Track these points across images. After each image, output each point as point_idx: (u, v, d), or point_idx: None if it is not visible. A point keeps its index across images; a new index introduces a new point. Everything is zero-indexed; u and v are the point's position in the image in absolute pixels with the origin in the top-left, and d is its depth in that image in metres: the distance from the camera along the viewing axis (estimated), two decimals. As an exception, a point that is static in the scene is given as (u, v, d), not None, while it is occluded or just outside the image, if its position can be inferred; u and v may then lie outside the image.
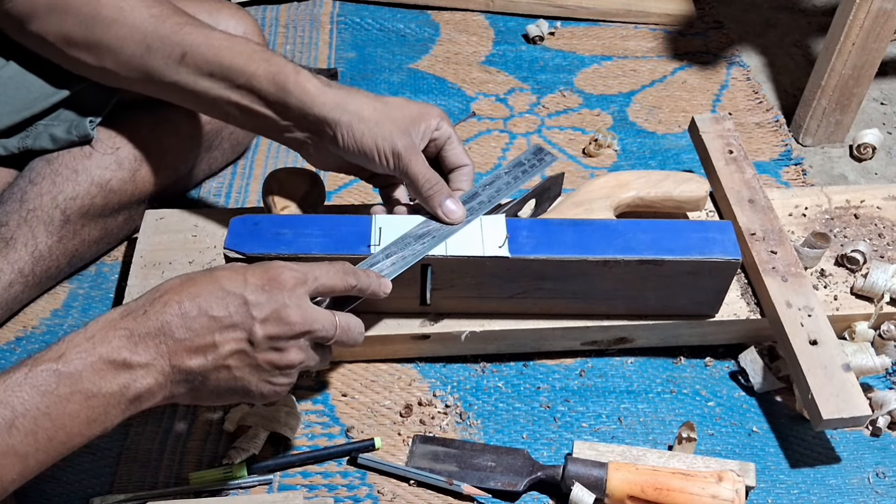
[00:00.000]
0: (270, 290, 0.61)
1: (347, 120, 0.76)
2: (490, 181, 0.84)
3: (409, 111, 0.78)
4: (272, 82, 0.76)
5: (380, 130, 0.76)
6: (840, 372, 0.80)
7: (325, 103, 0.76)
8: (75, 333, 0.58)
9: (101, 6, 0.79)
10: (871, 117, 1.29)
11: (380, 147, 0.76)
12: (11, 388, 0.54)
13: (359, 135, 0.76)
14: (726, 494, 0.74)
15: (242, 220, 0.80)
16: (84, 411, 0.56)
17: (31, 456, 0.55)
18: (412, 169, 0.77)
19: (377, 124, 0.76)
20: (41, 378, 0.55)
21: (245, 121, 0.81)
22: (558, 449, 0.83)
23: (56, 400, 0.55)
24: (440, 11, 1.41)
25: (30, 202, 0.88)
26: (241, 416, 0.82)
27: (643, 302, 0.85)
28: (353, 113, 0.76)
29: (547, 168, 0.87)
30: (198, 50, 0.77)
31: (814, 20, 1.46)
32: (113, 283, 0.97)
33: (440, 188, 0.79)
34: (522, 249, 0.80)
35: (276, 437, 0.82)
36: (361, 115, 0.76)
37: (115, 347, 0.57)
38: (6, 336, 0.91)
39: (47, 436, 0.55)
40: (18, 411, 0.54)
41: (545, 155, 0.88)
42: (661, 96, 1.28)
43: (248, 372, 0.62)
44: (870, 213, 1.00)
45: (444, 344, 0.87)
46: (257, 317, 0.61)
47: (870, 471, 0.82)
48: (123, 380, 0.58)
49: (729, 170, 0.99)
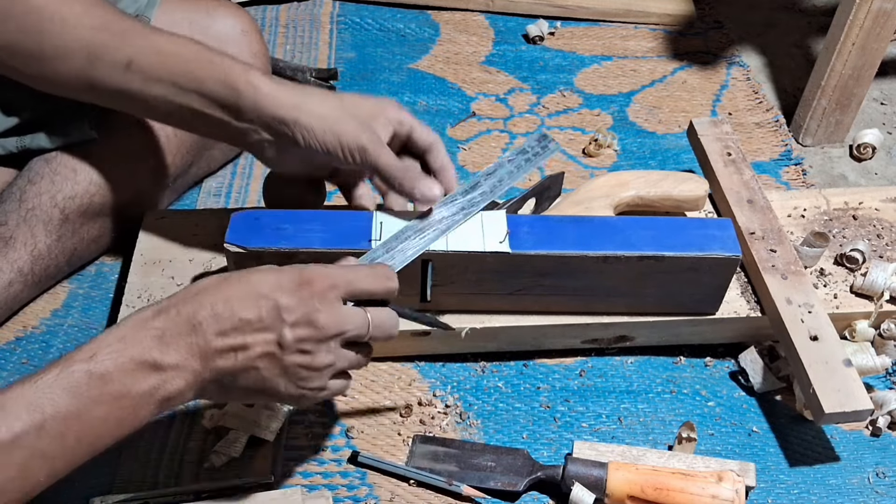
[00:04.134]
0: (301, 294, 0.61)
1: (306, 119, 0.74)
2: (492, 170, 0.84)
3: (367, 107, 0.77)
4: (222, 84, 0.74)
5: (341, 127, 0.74)
6: (841, 367, 0.80)
7: (280, 103, 0.74)
8: (107, 333, 0.58)
9: (43, 17, 0.76)
10: (871, 117, 1.29)
11: (344, 143, 0.75)
12: (42, 389, 0.54)
13: (320, 133, 0.74)
14: (726, 494, 0.74)
15: (243, 216, 0.80)
16: (114, 412, 0.56)
17: (60, 458, 0.55)
18: (381, 161, 0.76)
19: (337, 121, 0.74)
20: (72, 379, 0.55)
21: (200, 126, 0.79)
22: (558, 449, 0.83)
23: (86, 402, 0.55)
24: (440, 11, 1.41)
25: (29, 201, 0.88)
26: (220, 416, 0.82)
27: (643, 299, 0.85)
28: (310, 111, 0.74)
29: (551, 155, 0.86)
30: (144, 56, 0.75)
31: (814, 20, 1.46)
32: (113, 283, 0.97)
33: (412, 173, 0.77)
34: (523, 245, 0.80)
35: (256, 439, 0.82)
36: (320, 114, 0.74)
37: (146, 348, 0.57)
38: (6, 336, 0.91)
39: (76, 437, 0.55)
40: (48, 413, 0.54)
41: (549, 142, 0.86)
42: (661, 96, 1.28)
43: (277, 374, 0.62)
44: (868, 215, 1.00)
45: (445, 341, 0.87)
46: (287, 320, 0.60)
47: (870, 471, 0.82)
48: (154, 381, 0.57)
49: (728, 171, 0.99)
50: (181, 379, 0.58)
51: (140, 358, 0.57)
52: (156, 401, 0.58)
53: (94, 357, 0.56)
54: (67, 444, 0.55)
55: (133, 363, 0.56)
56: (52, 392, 0.54)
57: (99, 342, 0.57)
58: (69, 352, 0.57)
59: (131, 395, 0.56)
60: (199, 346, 0.59)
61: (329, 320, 0.62)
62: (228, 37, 1.01)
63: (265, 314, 0.60)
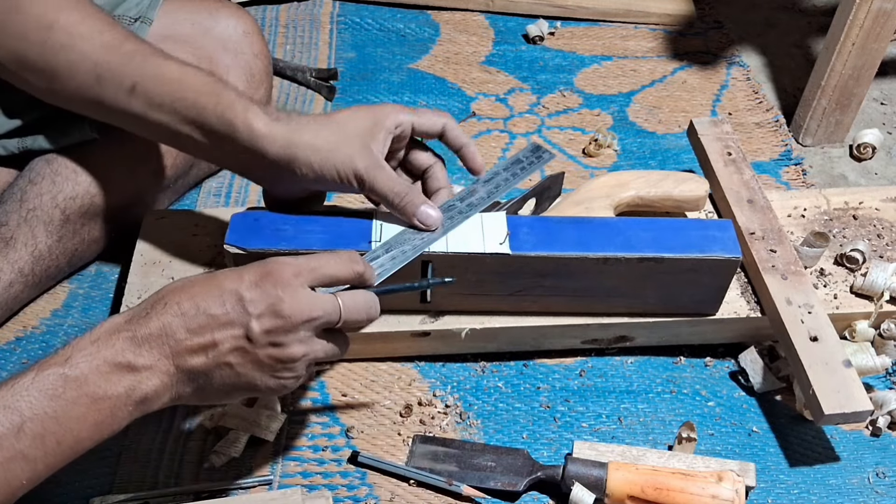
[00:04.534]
0: (264, 286, 0.61)
1: (303, 154, 0.74)
2: (488, 178, 0.84)
3: (364, 124, 0.76)
4: (221, 120, 0.74)
5: (336, 157, 0.74)
6: (841, 368, 0.80)
7: (275, 141, 0.74)
8: (81, 338, 0.58)
9: (53, 31, 0.76)
10: (871, 117, 1.29)
11: (341, 173, 0.75)
12: (19, 392, 0.55)
13: (317, 167, 0.74)
14: (726, 494, 0.74)
15: (243, 216, 0.80)
16: (91, 414, 0.57)
17: (40, 460, 0.56)
18: (378, 186, 0.76)
19: (332, 151, 0.74)
20: (48, 382, 0.55)
21: (201, 154, 0.80)
22: (558, 449, 0.83)
23: (63, 404, 0.56)
24: (440, 11, 1.41)
25: (30, 202, 0.88)
26: (220, 416, 0.82)
27: (643, 300, 0.85)
28: (305, 146, 0.74)
29: (544, 165, 0.87)
30: (148, 82, 0.76)
31: (814, 20, 1.46)
32: (113, 283, 0.97)
33: (411, 198, 0.77)
34: (523, 247, 0.80)
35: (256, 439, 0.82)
36: (315, 146, 0.74)
37: (118, 350, 0.58)
38: (6, 336, 0.91)
39: (55, 440, 0.56)
40: (26, 416, 0.54)
41: (543, 153, 0.88)
42: (661, 96, 1.28)
43: (251, 368, 0.62)
44: (868, 215, 1.00)
45: (445, 341, 0.87)
46: (253, 312, 0.61)
47: (870, 471, 0.82)
48: (129, 382, 0.58)
49: (728, 171, 0.99)
50: (156, 379, 0.59)
51: (113, 360, 0.58)
52: (132, 402, 0.59)
53: (68, 361, 0.56)
54: (47, 446, 0.55)
55: (107, 365, 0.57)
56: (28, 395, 0.55)
57: (73, 347, 0.58)
58: (42, 357, 0.58)
59: (107, 396, 0.57)
60: (169, 347, 0.59)
61: (294, 308, 0.62)
62: (231, 38, 1.01)
63: (230, 308, 0.60)
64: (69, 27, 0.77)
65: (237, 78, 1.01)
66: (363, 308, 0.66)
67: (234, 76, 1.01)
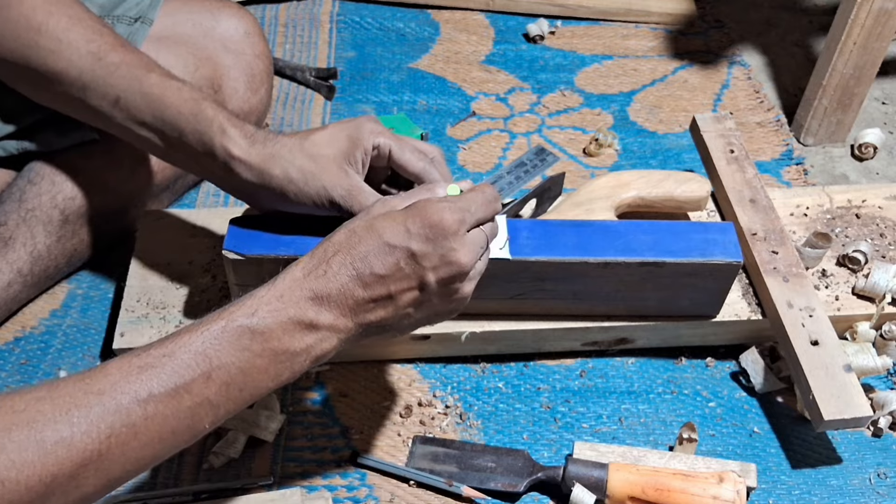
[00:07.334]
0: (434, 238, 0.63)
1: (277, 184, 0.73)
2: (492, 181, 0.84)
3: (341, 146, 0.74)
4: (200, 142, 0.74)
5: (311, 188, 0.73)
6: (841, 373, 0.80)
7: (250, 168, 0.73)
8: (265, 290, 0.60)
9: (41, 35, 0.76)
10: (872, 117, 1.29)
11: (318, 202, 0.74)
12: (209, 340, 0.57)
13: (293, 196, 0.74)
14: (727, 495, 0.74)
15: (241, 221, 0.80)
16: (273, 367, 0.59)
17: (223, 406, 0.58)
18: (356, 212, 0.74)
19: (307, 183, 0.73)
20: (236, 333, 0.57)
21: (186, 168, 0.80)
22: (559, 450, 0.83)
23: (249, 356, 0.58)
24: (440, 10, 1.41)
25: (29, 202, 0.88)
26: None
27: (644, 303, 0.85)
28: (280, 176, 0.73)
29: (549, 168, 0.87)
30: (130, 97, 0.75)
31: (815, 19, 1.46)
32: (112, 284, 0.97)
33: None
34: (523, 251, 0.80)
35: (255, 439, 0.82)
36: (289, 177, 0.73)
37: (302, 308, 0.60)
38: (5, 336, 0.90)
39: (238, 388, 0.58)
40: (215, 364, 0.56)
41: (547, 155, 0.88)
42: (661, 96, 1.28)
43: (425, 311, 0.65)
44: (871, 213, 1.00)
45: (445, 344, 0.87)
46: (427, 266, 0.62)
47: (871, 471, 0.82)
48: (311, 340, 0.60)
49: (730, 169, 0.99)
50: (335, 338, 0.62)
51: (297, 318, 0.59)
52: (311, 357, 0.61)
53: (255, 314, 0.58)
54: (231, 393, 0.58)
55: (292, 323, 0.59)
56: (218, 344, 0.57)
57: (258, 300, 0.59)
58: (228, 305, 0.59)
59: (289, 351, 0.60)
60: (348, 307, 0.61)
61: (466, 256, 0.64)
62: (232, 38, 1.00)
63: (403, 264, 0.62)
64: (57, 32, 0.76)
65: (238, 78, 1.01)
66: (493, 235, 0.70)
67: (235, 77, 1.01)
